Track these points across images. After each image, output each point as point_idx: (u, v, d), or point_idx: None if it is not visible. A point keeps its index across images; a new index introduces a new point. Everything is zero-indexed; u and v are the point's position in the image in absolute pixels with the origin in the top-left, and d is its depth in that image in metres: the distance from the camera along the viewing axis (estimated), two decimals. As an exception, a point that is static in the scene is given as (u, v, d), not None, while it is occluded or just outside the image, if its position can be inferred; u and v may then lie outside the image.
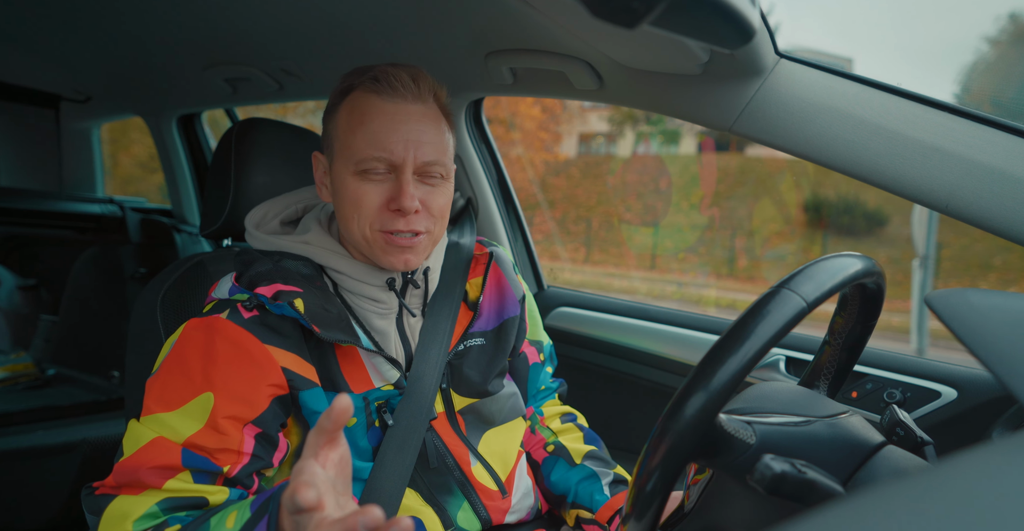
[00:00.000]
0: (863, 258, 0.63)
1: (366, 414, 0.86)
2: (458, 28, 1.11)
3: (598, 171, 11.93)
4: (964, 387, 1.03)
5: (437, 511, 0.89)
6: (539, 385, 1.12)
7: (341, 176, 0.85)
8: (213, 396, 0.77)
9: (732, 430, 0.57)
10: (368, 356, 0.88)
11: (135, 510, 0.73)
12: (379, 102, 0.83)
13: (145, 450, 0.76)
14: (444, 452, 0.91)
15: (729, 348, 0.53)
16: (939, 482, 0.24)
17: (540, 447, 1.09)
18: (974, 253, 7.14)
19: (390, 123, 0.82)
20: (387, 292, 0.91)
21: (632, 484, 0.57)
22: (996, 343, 0.43)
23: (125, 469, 0.76)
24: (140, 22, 1.45)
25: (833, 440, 0.60)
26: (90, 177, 2.72)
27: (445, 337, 0.94)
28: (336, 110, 0.87)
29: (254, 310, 0.82)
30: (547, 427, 1.11)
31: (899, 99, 0.87)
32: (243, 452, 0.77)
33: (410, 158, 0.82)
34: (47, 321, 2.42)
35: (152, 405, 0.79)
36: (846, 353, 0.75)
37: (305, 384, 0.82)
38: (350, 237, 0.87)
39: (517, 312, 1.04)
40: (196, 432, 0.76)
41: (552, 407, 1.15)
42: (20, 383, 2.12)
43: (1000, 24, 9.65)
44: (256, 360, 0.79)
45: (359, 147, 0.82)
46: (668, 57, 0.94)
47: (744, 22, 0.56)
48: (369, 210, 0.83)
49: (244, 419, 0.78)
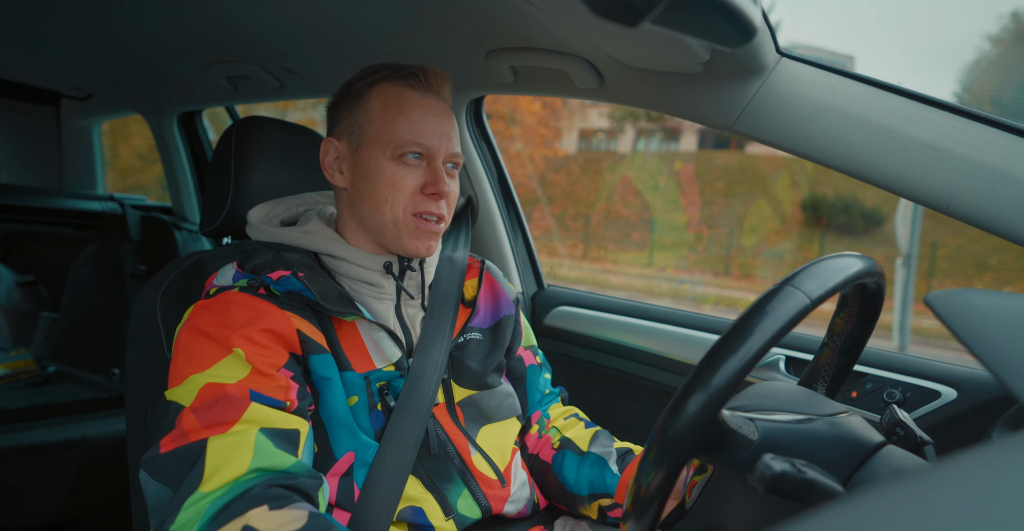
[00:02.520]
0: (864, 258, 0.63)
1: (367, 394, 0.87)
2: (459, 26, 1.11)
3: (598, 167, 12.00)
4: (964, 387, 1.03)
5: (438, 498, 0.90)
6: (540, 387, 1.14)
7: (376, 161, 0.88)
8: (243, 350, 0.77)
9: (735, 426, 0.57)
10: (369, 335, 0.89)
11: (244, 440, 0.69)
12: (416, 95, 0.90)
13: (205, 391, 0.73)
14: (445, 439, 0.93)
15: (732, 345, 0.53)
16: (939, 482, 0.24)
17: (548, 447, 1.11)
18: (970, 253, 7.21)
19: (428, 115, 0.89)
20: (385, 276, 0.93)
21: (632, 483, 0.57)
22: (996, 343, 0.43)
23: (201, 406, 0.72)
24: (141, 19, 1.45)
25: (835, 438, 0.60)
26: (90, 174, 2.72)
27: (448, 328, 0.97)
28: (365, 99, 0.91)
29: (261, 290, 0.85)
30: (553, 427, 1.13)
31: (900, 98, 0.87)
32: (291, 386, 0.79)
33: (443, 149, 0.90)
34: (47, 318, 2.42)
35: (183, 371, 0.76)
36: (845, 354, 0.75)
37: (317, 349, 0.84)
38: (377, 221, 0.90)
39: (512, 311, 1.08)
40: (244, 377, 0.75)
41: (556, 410, 1.18)
42: (20, 380, 2.13)
43: (1003, 22, 9.68)
44: (272, 317, 0.81)
45: (400, 133, 0.87)
46: (669, 55, 0.94)
47: (745, 20, 0.56)
48: (405, 192, 0.88)
49: (276, 365, 0.79)
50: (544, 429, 1.14)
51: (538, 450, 1.12)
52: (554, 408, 1.17)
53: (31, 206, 2.37)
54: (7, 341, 2.35)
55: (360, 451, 0.86)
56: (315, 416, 0.85)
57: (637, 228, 10.85)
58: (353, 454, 0.86)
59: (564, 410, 1.18)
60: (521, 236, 1.68)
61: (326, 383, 0.84)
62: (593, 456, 1.05)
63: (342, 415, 0.85)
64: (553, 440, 1.11)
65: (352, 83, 0.93)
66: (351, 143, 0.92)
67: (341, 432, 0.86)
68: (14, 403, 1.89)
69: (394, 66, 0.92)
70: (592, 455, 1.05)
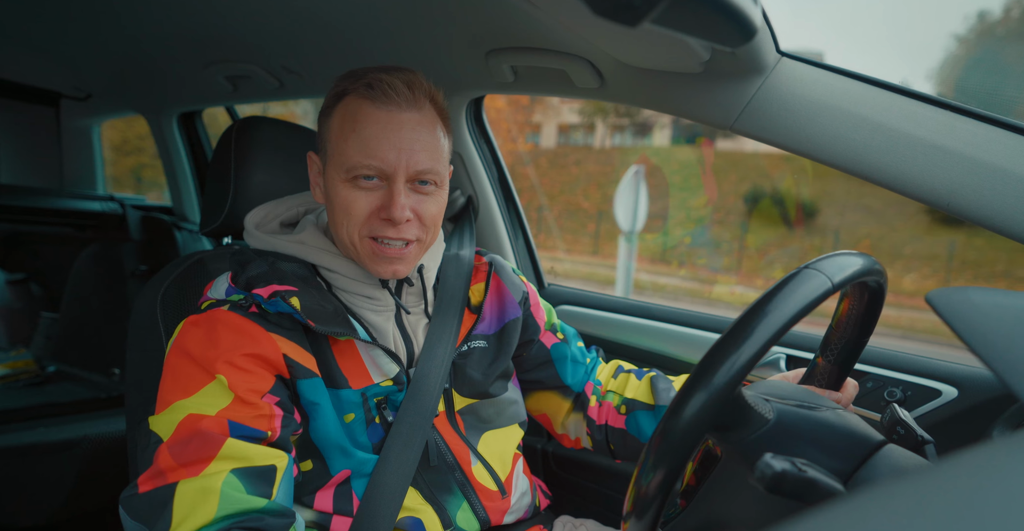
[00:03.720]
0: (866, 256, 0.63)
1: (364, 410, 0.86)
2: (459, 26, 1.11)
3: (565, 162, 12.63)
4: (965, 386, 1.03)
5: (437, 510, 0.89)
6: (578, 358, 1.10)
7: (333, 181, 0.84)
8: (226, 378, 0.76)
9: (753, 403, 0.57)
10: (366, 350, 0.87)
11: (211, 485, 0.69)
12: (372, 109, 0.81)
13: (184, 425, 0.73)
14: (445, 450, 0.92)
15: (752, 321, 0.54)
16: (940, 481, 0.24)
17: (614, 413, 1.06)
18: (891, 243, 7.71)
19: (382, 131, 0.81)
20: (381, 290, 0.91)
21: (633, 483, 0.57)
22: (997, 341, 0.43)
23: (177, 443, 0.72)
24: (140, 19, 1.45)
25: (843, 427, 0.61)
26: (90, 174, 2.72)
27: (451, 336, 0.94)
28: (330, 114, 0.86)
29: (252, 308, 0.83)
30: (609, 391, 1.09)
31: (901, 97, 0.87)
32: (274, 415, 0.77)
33: (402, 166, 0.81)
34: (48, 318, 2.42)
35: (168, 397, 0.77)
36: (845, 353, 0.75)
37: (304, 373, 0.82)
38: (339, 242, 0.88)
39: (518, 314, 1.04)
40: (226, 406, 0.75)
41: (603, 372, 1.13)
42: (21, 380, 2.13)
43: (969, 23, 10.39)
44: (258, 341, 0.79)
45: (350, 154, 0.81)
46: (669, 55, 0.94)
47: (746, 20, 0.56)
48: (358, 217, 0.83)
49: (261, 391, 0.78)
50: (601, 397, 1.09)
51: (606, 419, 1.07)
52: (600, 371, 1.13)
53: (31, 206, 2.37)
54: (4, 340, 2.35)
55: (357, 467, 0.86)
56: (306, 438, 0.84)
57: (594, 219, 11.55)
58: (349, 472, 0.86)
59: (609, 368, 1.14)
60: (522, 235, 1.68)
61: (315, 408, 0.83)
62: (662, 407, 1.01)
63: (334, 437, 0.84)
64: (615, 404, 1.07)
65: (328, 95, 0.88)
66: (323, 160, 0.88)
67: (335, 453, 0.85)
68: (14, 403, 1.89)
69: (359, 76, 0.84)
70: (661, 407, 1.01)
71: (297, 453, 0.85)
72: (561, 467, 1.52)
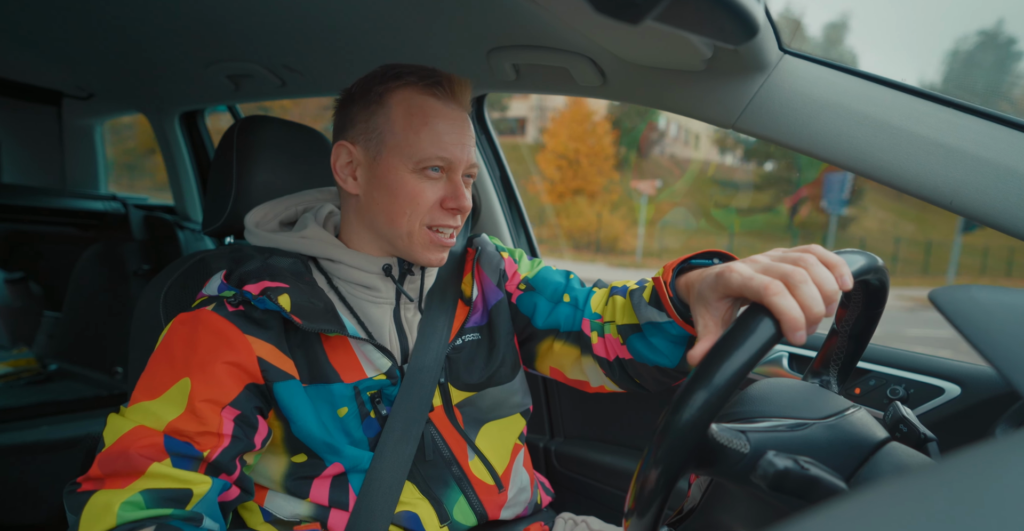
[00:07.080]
0: (867, 254, 0.63)
1: (357, 404, 0.87)
2: (460, 24, 1.11)
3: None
4: (968, 383, 1.03)
5: (433, 504, 0.90)
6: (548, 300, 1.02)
7: (397, 172, 0.86)
8: (190, 381, 0.77)
9: (725, 441, 0.56)
10: (358, 345, 0.88)
11: (117, 500, 0.72)
12: (439, 105, 0.87)
13: (126, 437, 0.76)
14: (441, 445, 0.92)
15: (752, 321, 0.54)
16: (942, 479, 0.24)
17: (617, 344, 0.94)
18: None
19: (451, 127, 0.87)
20: (383, 280, 0.92)
21: (634, 482, 0.57)
22: (1000, 339, 0.43)
23: (108, 457, 0.75)
24: (142, 18, 1.45)
25: (831, 443, 0.59)
26: (93, 174, 2.73)
27: (444, 331, 0.95)
28: (386, 105, 0.87)
29: (240, 306, 0.84)
30: (608, 322, 0.97)
31: (904, 95, 0.87)
32: (223, 434, 0.78)
33: (464, 161, 0.88)
34: (50, 317, 2.43)
35: (137, 395, 0.79)
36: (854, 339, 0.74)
37: (279, 376, 0.82)
38: (391, 231, 0.89)
39: (500, 295, 1.03)
40: (177, 417, 0.76)
41: (596, 301, 1.00)
42: (22, 378, 2.13)
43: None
44: (233, 345, 0.80)
45: (423, 146, 0.85)
46: (671, 53, 0.94)
47: (749, 17, 0.56)
48: (424, 206, 0.87)
49: (221, 402, 0.78)
50: (602, 330, 0.97)
51: (615, 353, 0.95)
52: (594, 302, 1.00)
53: (34, 206, 2.37)
54: (5, 339, 2.36)
55: (350, 462, 0.86)
56: (291, 436, 0.85)
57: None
58: (341, 465, 0.86)
59: (600, 296, 1.01)
60: (524, 234, 1.68)
61: (293, 409, 0.83)
62: (648, 324, 0.88)
63: (319, 435, 0.84)
64: (614, 334, 0.95)
65: (370, 85, 0.89)
66: (368, 150, 0.88)
67: (322, 449, 0.85)
68: (16, 401, 1.90)
69: (417, 71, 0.88)
70: (646, 325, 0.88)
71: (288, 448, 0.86)
72: (563, 464, 1.52)
